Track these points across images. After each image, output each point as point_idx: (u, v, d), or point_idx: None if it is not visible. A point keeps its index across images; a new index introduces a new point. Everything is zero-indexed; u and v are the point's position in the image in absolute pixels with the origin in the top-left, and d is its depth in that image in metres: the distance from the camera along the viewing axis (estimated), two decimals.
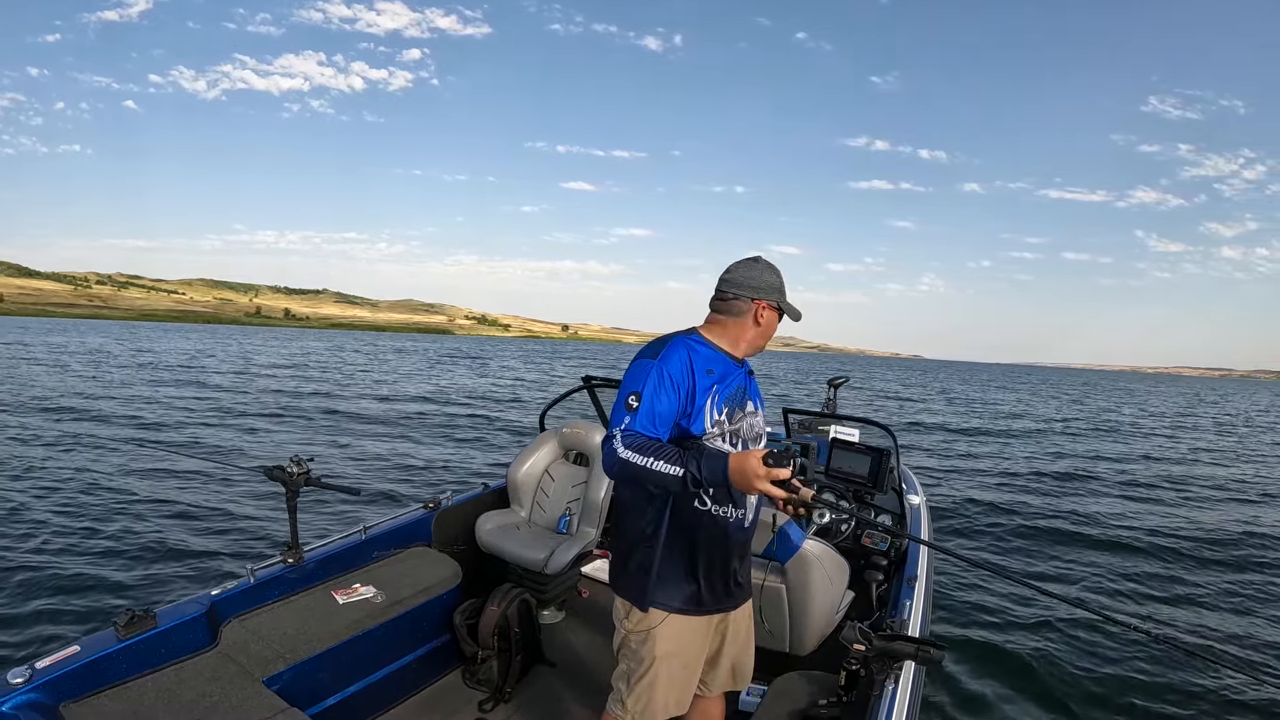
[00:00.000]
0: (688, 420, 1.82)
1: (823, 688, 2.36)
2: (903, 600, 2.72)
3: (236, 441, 11.43)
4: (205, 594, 2.48)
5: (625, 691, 2.01)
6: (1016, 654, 4.65)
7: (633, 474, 1.72)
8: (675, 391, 1.80)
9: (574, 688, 3.13)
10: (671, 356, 1.83)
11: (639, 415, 1.76)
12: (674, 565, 1.93)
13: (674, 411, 1.80)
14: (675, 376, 1.81)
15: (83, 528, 6.23)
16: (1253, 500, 10.84)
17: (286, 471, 2.68)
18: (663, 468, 1.67)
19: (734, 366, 1.95)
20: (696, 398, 1.82)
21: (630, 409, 1.78)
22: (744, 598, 2.12)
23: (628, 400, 1.80)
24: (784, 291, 1.98)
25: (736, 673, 2.18)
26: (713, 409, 1.84)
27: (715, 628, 2.07)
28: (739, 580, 2.05)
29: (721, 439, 1.86)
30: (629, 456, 1.70)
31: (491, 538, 3.46)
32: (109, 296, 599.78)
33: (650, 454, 1.68)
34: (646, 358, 1.85)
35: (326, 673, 2.59)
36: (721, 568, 1.97)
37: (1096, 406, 34.47)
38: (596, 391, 4.33)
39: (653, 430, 1.77)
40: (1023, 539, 7.75)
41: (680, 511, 1.89)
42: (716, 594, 1.99)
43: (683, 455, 1.68)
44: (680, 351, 1.85)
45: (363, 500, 7.54)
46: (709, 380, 1.84)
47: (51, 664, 2.00)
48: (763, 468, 1.59)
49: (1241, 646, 5.10)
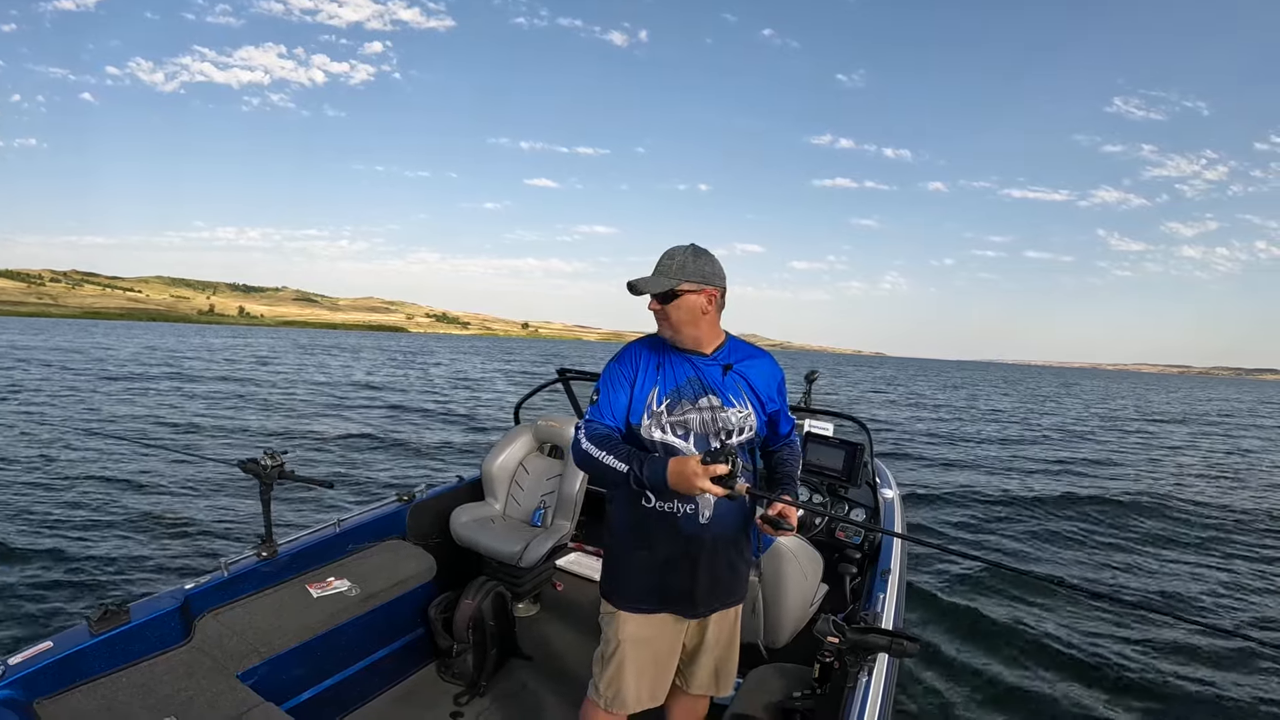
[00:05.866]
0: (629, 411, 1.96)
1: (797, 680, 2.38)
2: (876, 593, 2.75)
3: (204, 436, 11.25)
4: (179, 588, 2.44)
5: (599, 674, 2.06)
6: (990, 643, 4.79)
7: (591, 466, 1.88)
8: (625, 385, 1.96)
9: (549, 680, 3.14)
10: (625, 354, 2.03)
11: (598, 407, 1.96)
12: (631, 561, 2.01)
13: (626, 403, 1.96)
14: (625, 371, 1.98)
15: (51, 523, 6.10)
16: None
17: (260, 464, 2.66)
18: (612, 462, 1.82)
19: (687, 361, 1.97)
20: (636, 390, 1.95)
21: (592, 402, 2.00)
22: (724, 603, 2.09)
23: (592, 396, 2.02)
24: (655, 270, 1.93)
25: (719, 676, 2.19)
26: (651, 400, 1.93)
27: (694, 627, 2.10)
28: (714, 583, 2.02)
29: (661, 430, 1.91)
30: (589, 448, 1.87)
31: (466, 531, 3.46)
32: (61, 294, 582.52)
33: (606, 448, 1.84)
34: (611, 360, 2.04)
35: (301, 667, 2.58)
36: (685, 566, 1.96)
37: (1037, 397, 35.67)
38: (571, 384, 4.33)
39: (611, 421, 1.95)
40: (985, 524, 8.06)
41: (631, 506, 1.98)
42: (680, 594, 1.99)
43: (631, 454, 1.82)
44: (632, 349, 2.04)
45: (337, 493, 7.48)
46: (653, 374, 1.96)
47: (24, 660, 1.97)
48: (700, 466, 1.67)
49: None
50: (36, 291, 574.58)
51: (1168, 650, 4.79)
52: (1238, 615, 5.65)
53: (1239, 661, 4.67)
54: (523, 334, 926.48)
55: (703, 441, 1.92)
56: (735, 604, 2.15)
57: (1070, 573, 6.44)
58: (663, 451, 1.89)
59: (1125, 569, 6.73)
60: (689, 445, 1.91)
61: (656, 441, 1.91)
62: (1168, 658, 4.69)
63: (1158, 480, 11.97)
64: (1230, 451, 17.43)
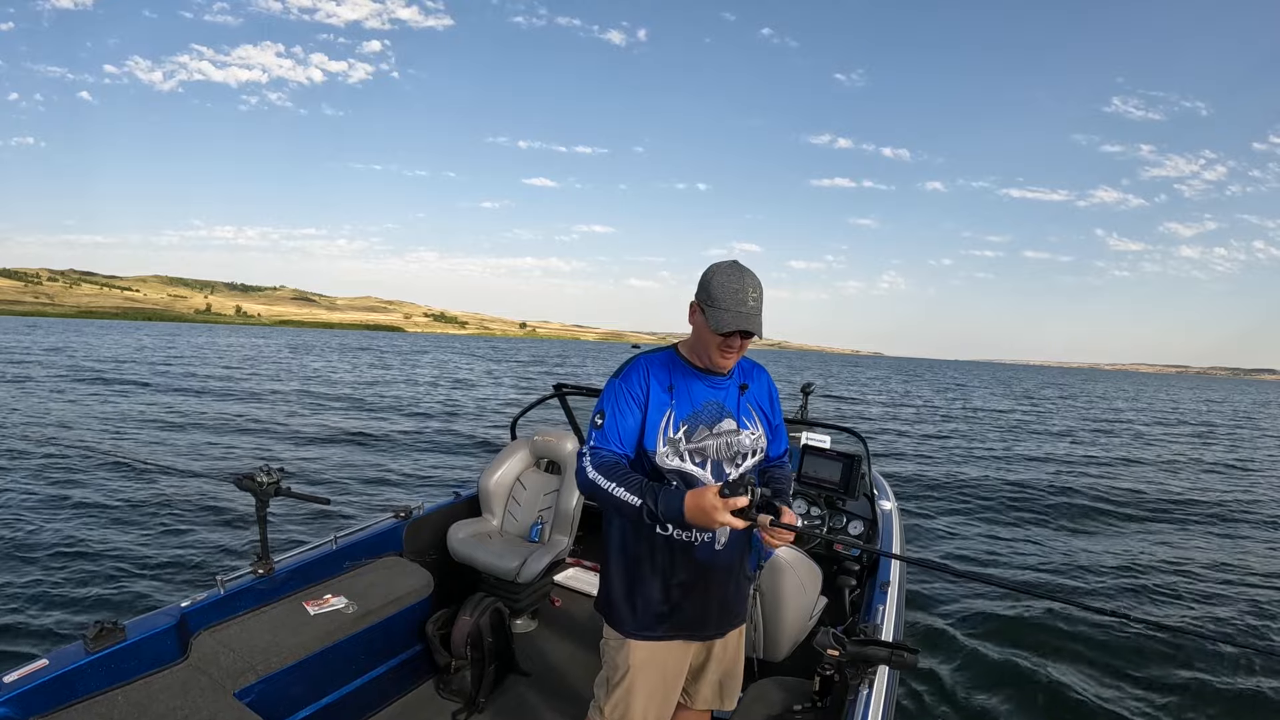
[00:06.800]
0: (643, 437, 1.85)
1: (797, 693, 2.39)
2: (876, 605, 2.75)
3: (197, 451, 11.20)
4: (175, 606, 2.44)
5: (604, 698, 2.02)
6: (991, 654, 4.78)
7: (598, 496, 1.76)
8: (634, 407, 1.84)
9: (548, 697, 3.13)
10: (631, 375, 1.89)
11: (603, 432, 1.83)
12: (644, 588, 1.93)
13: (636, 427, 1.84)
14: (634, 393, 1.85)
15: (46, 541, 6.05)
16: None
17: (257, 481, 2.66)
18: (623, 495, 1.70)
19: (702, 381, 1.91)
20: (649, 414, 1.84)
21: (596, 426, 1.86)
22: (732, 624, 2.09)
23: (594, 418, 1.88)
24: (712, 290, 1.78)
25: (724, 690, 2.17)
26: (667, 426, 1.84)
27: (701, 646, 2.08)
28: (724, 606, 2.01)
29: (679, 458, 1.84)
30: (596, 478, 1.75)
31: (463, 547, 3.45)
32: (58, 293, 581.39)
33: (615, 479, 1.72)
34: (613, 378, 1.91)
35: (298, 685, 2.57)
36: (699, 592, 1.94)
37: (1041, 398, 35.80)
38: (568, 399, 4.32)
39: (619, 446, 1.82)
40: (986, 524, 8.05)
41: (643, 533, 1.90)
42: (694, 620, 1.96)
43: (644, 486, 1.70)
44: (639, 369, 1.90)
45: (333, 509, 7.44)
46: (666, 397, 1.86)
47: (19, 678, 1.96)
48: (719, 500, 1.58)
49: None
50: (33, 290, 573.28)
51: (1174, 665, 4.75)
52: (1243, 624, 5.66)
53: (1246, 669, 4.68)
54: (520, 334, 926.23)
55: (719, 468, 1.88)
56: (741, 623, 2.15)
57: (1069, 585, 6.44)
58: (679, 480, 1.83)
59: (1129, 581, 6.68)
60: (706, 473, 1.86)
61: (673, 470, 1.84)
62: (1175, 673, 4.67)
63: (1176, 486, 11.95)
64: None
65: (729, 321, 1.74)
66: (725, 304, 1.75)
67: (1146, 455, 16.29)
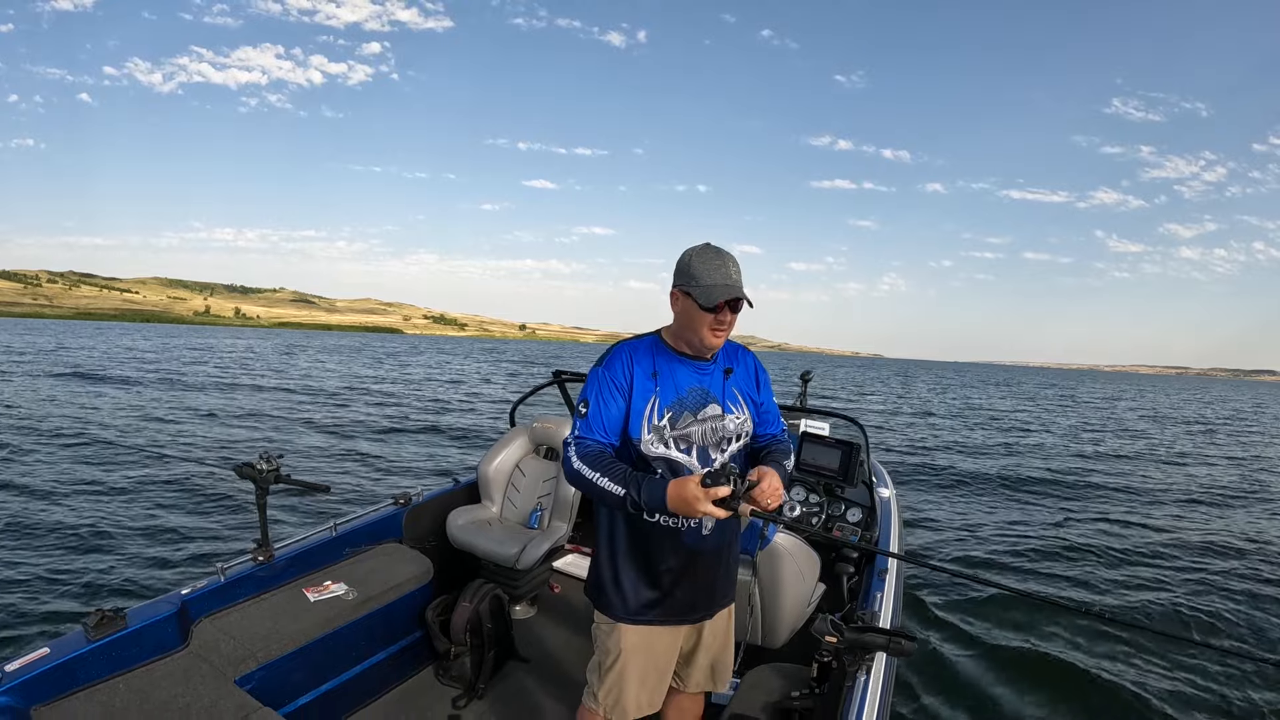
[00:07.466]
0: (628, 425, 1.85)
1: (795, 680, 2.39)
2: (874, 592, 2.75)
3: (196, 441, 11.21)
4: (176, 593, 2.44)
5: (596, 683, 2.03)
6: (989, 642, 4.79)
7: (584, 487, 1.76)
8: (618, 396, 1.84)
9: (547, 683, 3.15)
10: (614, 362, 1.87)
11: (588, 421, 1.82)
12: (632, 574, 1.94)
13: (620, 415, 1.84)
14: (617, 381, 1.85)
15: (47, 529, 6.08)
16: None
17: (256, 468, 2.65)
18: (607, 485, 1.71)
19: (686, 367, 1.90)
20: (634, 401, 1.83)
21: (580, 415, 1.85)
22: (721, 605, 2.10)
23: (579, 408, 1.88)
24: (694, 270, 1.78)
25: (715, 672, 2.18)
26: (652, 413, 1.83)
27: (691, 629, 2.09)
28: (712, 589, 2.03)
29: (665, 445, 1.84)
30: (580, 468, 1.75)
31: (463, 533, 3.46)
32: (56, 295, 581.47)
33: (599, 469, 1.73)
34: (596, 366, 1.91)
35: (299, 671, 2.57)
36: (688, 578, 1.95)
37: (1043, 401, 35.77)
38: (567, 386, 4.33)
39: (603, 435, 1.82)
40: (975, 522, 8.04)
41: (630, 520, 1.91)
42: (682, 604, 1.98)
43: (627, 476, 1.70)
44: (622, 356, 1.88)
45: (332, 497, 7.45)
46: (650, 384, 1.85)
47: (21, 666, 1.97)
48: (701, 490, 1.58)
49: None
50: (32, 292, 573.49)
51: (1158, 661, 4.75)
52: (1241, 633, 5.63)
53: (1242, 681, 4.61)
54: (520, 336, 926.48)
55: (704, 454, 1.88)
56: (730, 603, 2.15)
57: (1067, 589, 6.36)
58: (665, 468, 1.84)
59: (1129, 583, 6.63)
60: (692, 459, 1.86)
61: (659, 457, 1.84)
62: (1156, 668, 4.66)
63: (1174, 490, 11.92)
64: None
65: (719, 293, 1.74)
66: (711, 279, 1.76)
67: (1143, 450, 16.32)
